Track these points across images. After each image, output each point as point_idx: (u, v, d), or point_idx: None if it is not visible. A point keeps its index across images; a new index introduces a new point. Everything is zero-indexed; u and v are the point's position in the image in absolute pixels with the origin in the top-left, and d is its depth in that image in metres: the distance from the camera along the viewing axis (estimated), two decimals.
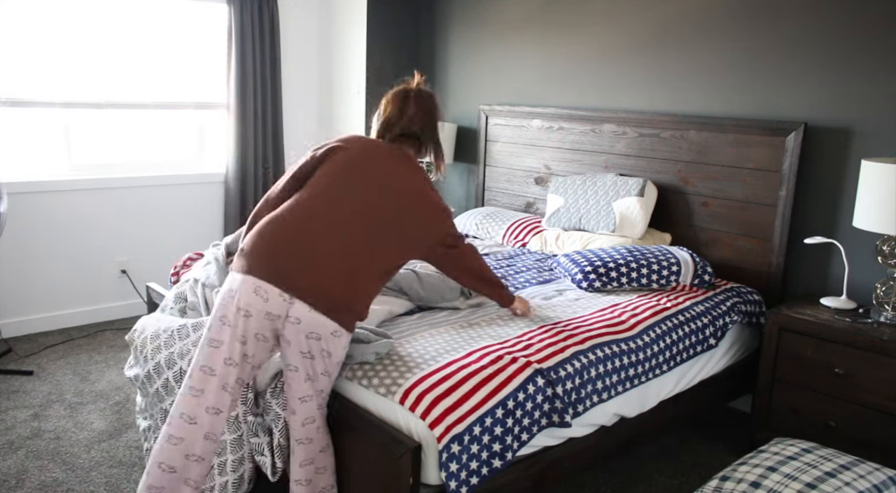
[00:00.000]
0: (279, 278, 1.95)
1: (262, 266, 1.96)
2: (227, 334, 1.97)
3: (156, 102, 4.39)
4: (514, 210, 4.28)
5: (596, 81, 3.87)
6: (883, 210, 2.58)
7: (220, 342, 1.98)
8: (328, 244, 2.00)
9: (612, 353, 2.44)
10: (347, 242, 2.02)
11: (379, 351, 2.20)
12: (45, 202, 4.02)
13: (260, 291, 1.94)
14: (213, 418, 1.99)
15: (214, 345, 1.99)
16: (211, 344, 1.99)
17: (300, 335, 1.97)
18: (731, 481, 1.81)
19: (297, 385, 2.03)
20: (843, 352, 2.66)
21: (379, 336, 2.25)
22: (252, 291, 1.94)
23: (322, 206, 2.06)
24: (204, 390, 1.99)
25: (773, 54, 3.15)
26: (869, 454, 2.61)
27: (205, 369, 1.99)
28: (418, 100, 2.30)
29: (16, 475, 2.65)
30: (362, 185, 2.10)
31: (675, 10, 3.47)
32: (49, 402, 3.23)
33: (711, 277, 3.11)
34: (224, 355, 1.98)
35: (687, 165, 3.44)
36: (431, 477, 1.97)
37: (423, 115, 2.29)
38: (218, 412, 2.00)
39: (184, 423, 1.98)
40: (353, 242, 2.02)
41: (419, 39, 4.90)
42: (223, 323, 1.98)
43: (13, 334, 4.01)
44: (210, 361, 1.99)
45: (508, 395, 2.09)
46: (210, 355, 1.99)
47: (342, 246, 2.01)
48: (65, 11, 3.97)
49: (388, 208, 2.10)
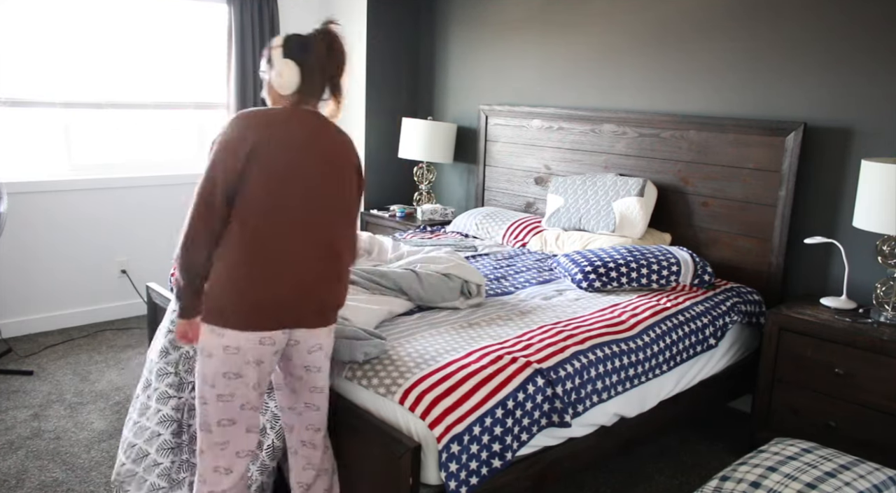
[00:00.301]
0: (281, 323, 1.87)
1: (262, 319, 1.85)
2: (237, 386, 1.88)
3: (156, 102, 4.39)
4: (514, 210, 4.28)
5: (596, 81, 3.87)
6: (883, 210, 2.58)
7: (231, 397, 1.88)
8: (312, 264, 1.89)
9: (611, 353, 2.44)
10: (325, 249, 1.92)
11: (369, 351, 2.18)
12: (45, 202, 4.02)
13: (265, 340, 1.86)
14: (244, 460, 1.96)
15: (226, 400, 1.89)
16: (221, 399, 1.89)
17: (302, 352, 1.96)
18: (731, 481, 1.81)
19: (302, 393, 2.03)
20: (843, 352, 2.66)
21: (372, 337, 2.24)
22: (258, 342, 1.85)
23: (288, 223, 1.85)
24: (229, 441, 1.91)
25: (773, 54, 3.15)
26: (869, 454, 2.61)
27: (223, 423, 1.90)
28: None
29: (16, 475, 2.65)
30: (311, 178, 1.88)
31: (675, 10, 3.47)
32: (49, 402, 3.23)
33: (711, 277, 3.11)
34: (239, 402, 1.90)
35: (687, 165, 3.44)
36: (431, 477, 1.97)
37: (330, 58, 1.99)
38: (248, 453, 1.96)
39: (220, 475, 1.93)
40: (328, 244, 1.92)
41: (419, 39, 4.90)
42: (228, 378, 1.87)
43: (13, 334, 4.01)
44: (226, 414, 1.90)
45: (508, 395, 2.09)
46: (223, 408, 1.89)
47: (323, 256, 1.91)
48: (65, 11, 3.97)
49: (337, 187, 1.93)
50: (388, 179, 4.94)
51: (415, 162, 4.91)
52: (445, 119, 4.78)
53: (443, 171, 4.88)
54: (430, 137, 4.46)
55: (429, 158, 4.50)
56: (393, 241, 3.36)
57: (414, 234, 4.00)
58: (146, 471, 2.25)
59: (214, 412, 1.89)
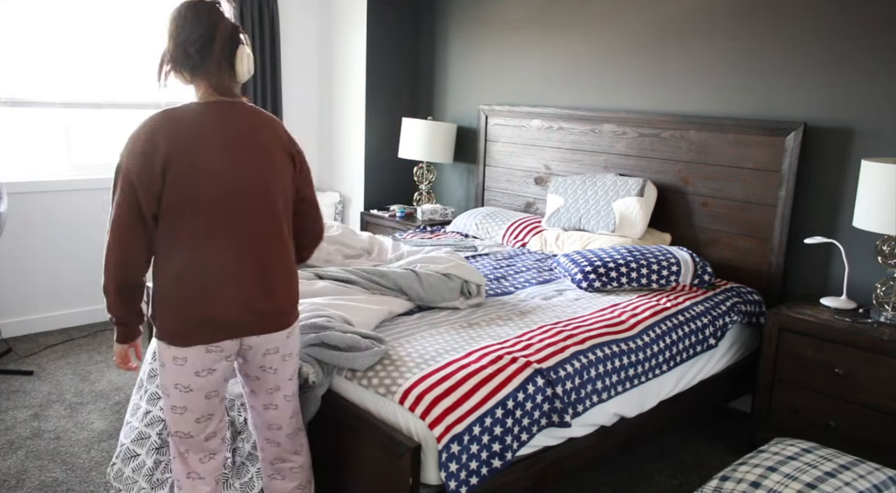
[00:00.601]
0: (227, 333, 1.80)
1: (206, 332, 1.77)
2: (189, 399, 1.84)
3: (156, 101, 4.39)
4: (513, 210, 4.28)
5: (596, 81, 3.87)
6: (883, 210, 2.58)
7: (182, 409, 1.85)
8: (252, 267, 1.79)
9: (611, 353, 2.44)
10: (268, 249, 1.82)
11: (369, 363, 2.17)
12: (46, 202, 4.02)
13: (212, 349, 1.79)
14: (209, 464, 1.95)
15: (178, 411, 1.86)
16: (174, 411, 1.86)
17: (257, 355, 1.90)
18: (731, 481, 1.81)
19: (260, 393, 1.98)
20: (843, 352, 2.66)
21: (372, 342, 2.23)
22: (204, 352, 1.79)
23: (221, 232, 1.74)
24: (188, 449, 1.91)
25: (773, 54, 3.15)
26: (869, 454, 2.60)
27: (179, 434, 1.89)
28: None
29: (16, 474, 2.65)
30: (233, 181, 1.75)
31: (675, 10, 3.47)
32: (49, 402, 3.23)
33: (711, 277, 3.11)
34: (193, 416, 1.87)
35: (687, 165, 3.44)
36: (431, 477, 1.97)
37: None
38: (212, 456, 1.96)
39: (192, 481, 1.94)
40: (266, 245, 1.81)
41: (419, 39, 4.90)
42: (178, 389, 1.82)
43: (13, 334, 4.01)
44: (181, 426, 1.88)
45: (508, 395, 2.09)
46: (177, 420, 1.87)
47: (263, 257, 1.81)
48: (65, 11, 3.97)
49: (265, 178, 1.80)
50: (388, 179, 4.94)
51: (415, 162, 4.91)
52: (445, 119, 4.78)
53: (443, 171, 4.88)
54: (430, 137, 4.46)
55: (429, 158, 4.50)
56: (393, 241, 3.36)
57: (414, 234, 4.00)
58: (135, 472, 2.25)
59: (171, 422, 1.89)
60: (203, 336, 1.78)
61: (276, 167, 1.83)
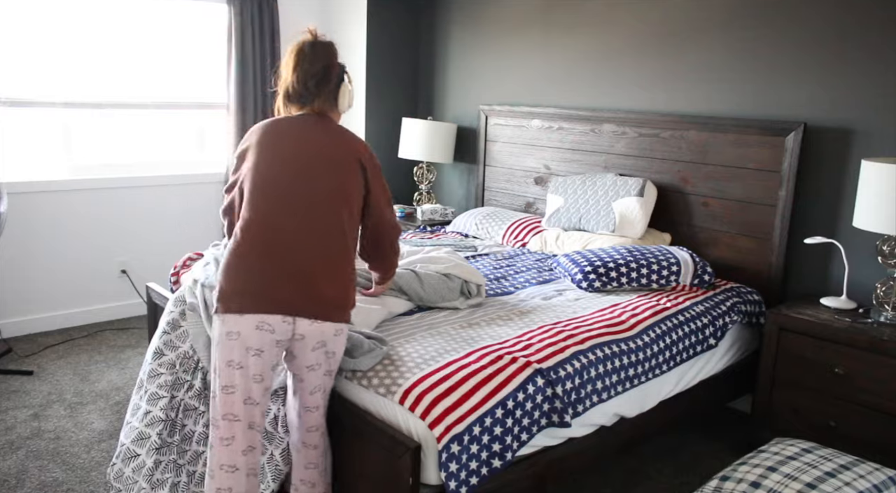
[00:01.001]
0: (278, 306, 1.90)
1: (257, 301, 1.89)
2: (238, 377, 1.92)
3: (156, 102, 4.39)
4: (514, 210, 4.28)
5: (596, 81, 3.87)
6: (883, 210, 2.58)
7: (233, 388, 1.93)
8: (308, 250, 1.94)
9: (612, 353, 2.44)
10: (322, 239, 1.96)
11: (371, 363, 2.19)
12: (45, 202, 4.02)
13: (263, 325, 1.89)
14: (249, 457, 1.98)
15: (229, 391, 1.93)
16: (225, 391, 1.93)
17: (305, 350, 1.98)
18: (731, 481, 1.81)
19: (303, 396, 2.05)
20: (843, 352, 2.66)
21: (375, 342, 2.24)
22: (255, 328, 1.89)
23: (284, 212, 1.95)
24: (234, 436, 1.94)
25: (772, 54, 3.15)
26: (869, 454, 2.60)
27: (228, 417, 1.94)
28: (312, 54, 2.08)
29: (16, 474, 2.65)
30: (303, 171, 1.98)
31: (675, 10, 3.47)
32: (49, 402, 3.23)
33: (711, 277, 3.11)
34: (241, 396, 1.93)
35: (687, 165, 3.44)
36: (431, 477, 1.97)
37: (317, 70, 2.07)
38: (252, 449, 1.98)
39: (225, 473, 1.95)
40: (325, 235, 1.96)
41: (419, 39, 4.90)
42: (231, 367, 1.92)
43: (13, 334, 4.00)
44: (230, 408, 1.93)
45: (508, 395, 2.09)
46: (226, 401, 1.93)
47: (319, 245, 1.95)
48: (65, 11, 3.97)
49: (332, 181, 2.00)
50: (388, 179, 4.92)
51: (415, 162, 4.91)
52: (445, 119, 4.78)
53: (443, 171, 4.88)
54: (430, 137, 4.46)
55: (429, 158, 4.50)
56: None
57: (414, 234, 4.00)
58: (135, 472, 2.25)
59: (220, 404, 1.94)
60: (254, 303, 1.89)
61: (345, 167, 2.01)
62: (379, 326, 2.50)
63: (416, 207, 4.65)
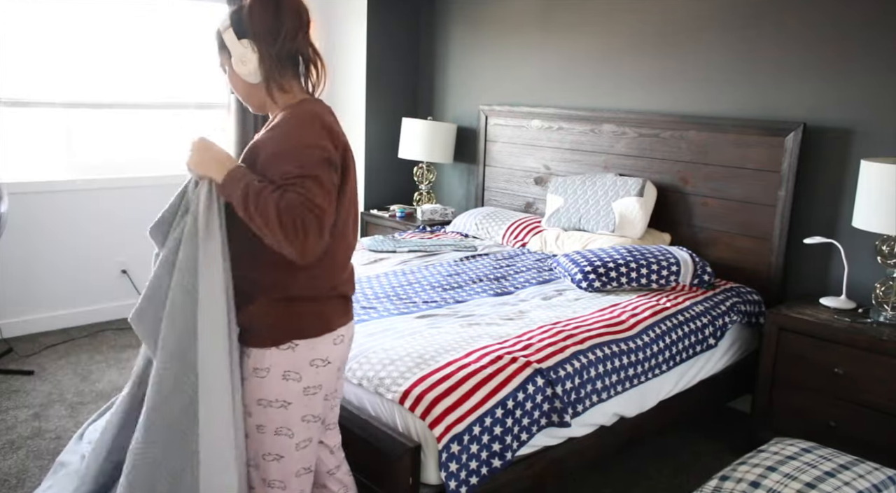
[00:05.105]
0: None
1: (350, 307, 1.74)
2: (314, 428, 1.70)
3: (156, 102, 4.39)
4: (513, 210, 4.28)
5: (596, 81, 3.87)
6: (883, 210, 2.58)
7: (309, 440, 1.68)
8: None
9: (611, 353, 2.44)
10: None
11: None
12: (46, 202, 4.02)
13: (337, 340, 1.70)
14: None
15: (304, 445, 1.67)
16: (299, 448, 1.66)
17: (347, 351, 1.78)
18: (731, 480, 1.81)
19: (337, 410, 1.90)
20: (843, 352, 2.66)
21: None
22: (332, 343, 1.67)
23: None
24: (304, 490, 1.73)
25: (773, 54, 3.15)
26: (869, 454, 2.60)
27: (300, 472, 1.69)
28: None
29: (16, 474, 2.65)
30: None
31: (675, 10, 3.48)
32: (50, 402, 3.23)
33: (711, 277, 3.11)
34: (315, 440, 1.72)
35: (687, 165, 3.44)
36: (431, 477, 1.97)
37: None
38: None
39: None
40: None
41: (419, 39, 4.90)
42: (308, 422, 1.66)
43: (13, 334, 4.01)
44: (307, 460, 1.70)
45: (508, 395, 2.09)
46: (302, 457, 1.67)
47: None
48: (65, 12, 3.97)
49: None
50: (388, 179, 4.94)
51: (415, 162, 4.91)
52: (445, 119, 4.79)
53: (443, 171, 4.88)
54: (430, 137, 4.46)
55: (429, 158, 4.50)
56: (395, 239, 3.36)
57: (414, 234, 4.00)
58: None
59: (291, 462, 1.65)
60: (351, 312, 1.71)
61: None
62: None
63: (416, 207, 4.66)
